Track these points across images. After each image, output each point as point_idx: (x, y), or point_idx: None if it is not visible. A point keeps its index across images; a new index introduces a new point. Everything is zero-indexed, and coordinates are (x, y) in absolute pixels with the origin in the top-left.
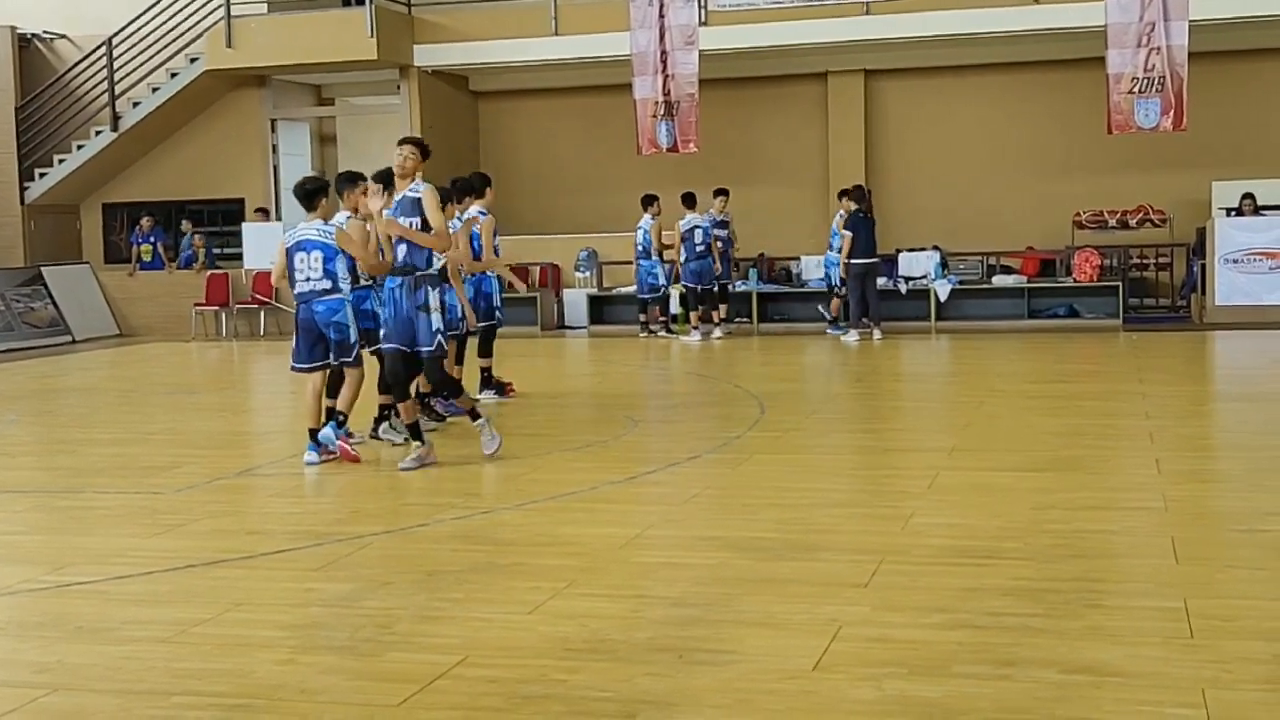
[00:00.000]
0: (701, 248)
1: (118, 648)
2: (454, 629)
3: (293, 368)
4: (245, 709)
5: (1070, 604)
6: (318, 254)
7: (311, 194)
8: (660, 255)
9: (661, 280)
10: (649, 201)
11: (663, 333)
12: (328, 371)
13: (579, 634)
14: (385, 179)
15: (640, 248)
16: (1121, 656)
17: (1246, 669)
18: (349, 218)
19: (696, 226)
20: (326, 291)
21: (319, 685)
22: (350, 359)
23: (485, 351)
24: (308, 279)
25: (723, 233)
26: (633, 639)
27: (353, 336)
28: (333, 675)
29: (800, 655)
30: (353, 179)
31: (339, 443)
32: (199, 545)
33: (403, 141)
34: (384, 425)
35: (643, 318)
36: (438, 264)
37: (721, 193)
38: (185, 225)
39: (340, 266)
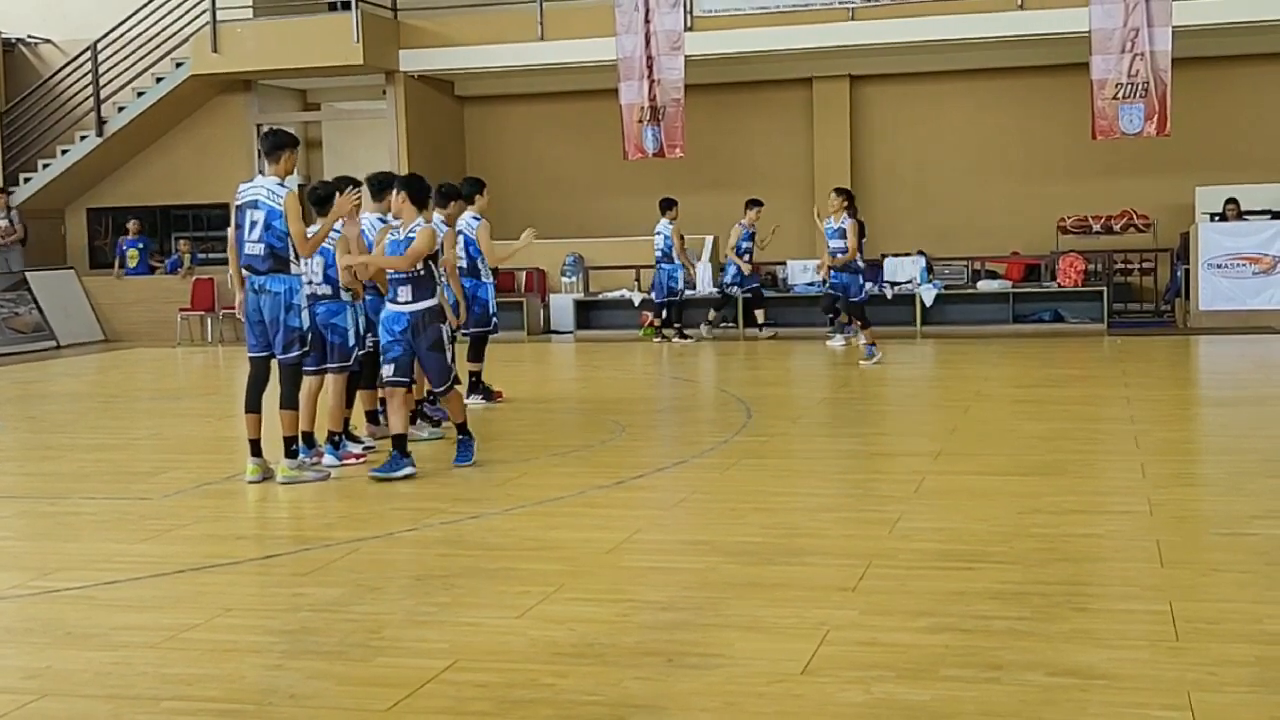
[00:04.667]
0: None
1: (107, 653)
2: (443, 634)
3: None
4: (235, 714)
5: (1056, 607)
6: (319, 259)
7: (323, 199)
8: (675, 259)
9: (680, 284)
10: (668, 206)
11: (676, 338)
12: (324, 377)
13: (567, 638)
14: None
15: (660, 252)
16: (1107, 659)
17: (1231, 671)
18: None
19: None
20: (326, 296)
21: (308, 690)
22: (346, 364)
23: (477, 356)
24: (309, 281)
25: (748, 243)
26: (621, 643)
27: (351, 341)
28: (322, 680)
29: (788, 659)
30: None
31: (343, 460)
32: (187, 551)
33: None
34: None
35: (677, 325)
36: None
37: (754, 204)
38: (132, 226)
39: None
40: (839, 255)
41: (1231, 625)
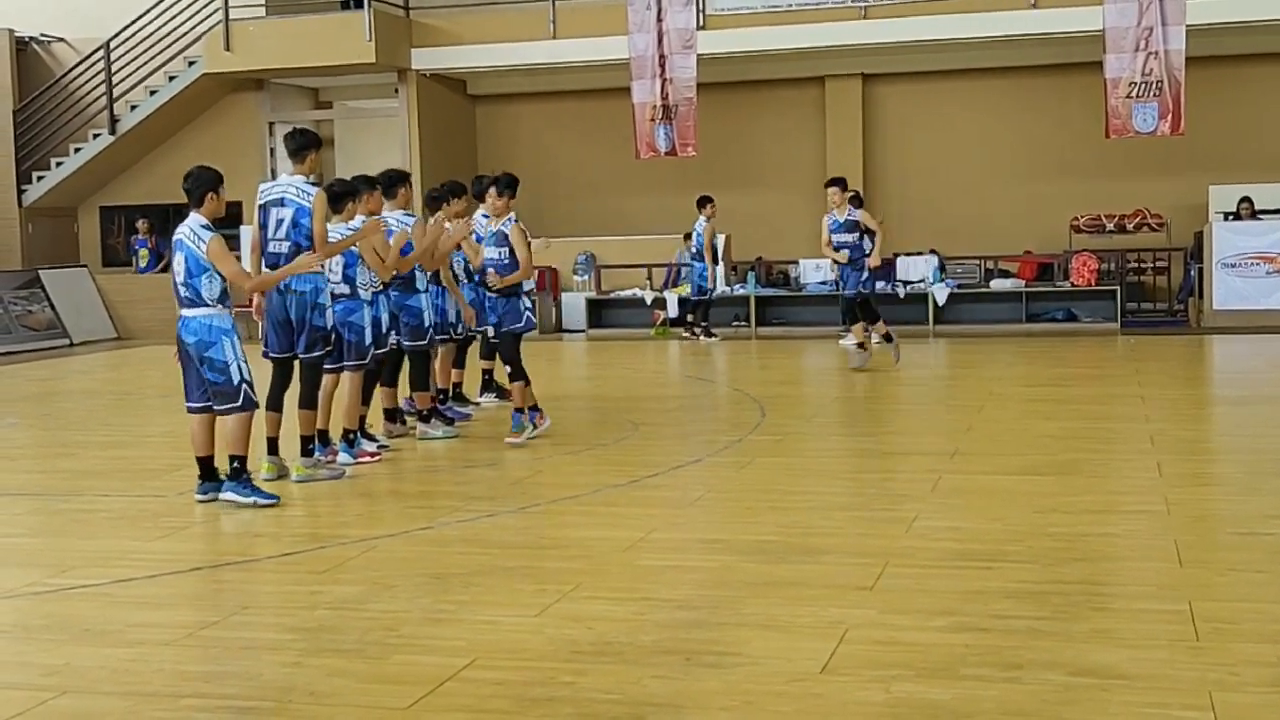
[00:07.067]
0: (693, 251)
1: (125, 650)
2: (461, 632)
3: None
4: (254, 712)
5: (1075, 607)
6: (338, 258)
7: (339, 196)
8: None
9: (709, 283)
10: (703, 203)
11: (704, 337)
12: (340, 375)
13: (585, 637)
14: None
15: (695, 249)
16: (1127, 659)
17: (1252, 671)
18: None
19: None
20: (344, 295)
21: (327, 688)
22: (362, 362)
23: (489, 355)
24: (326, 280)
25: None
26: (639, 642)
27: (367, 339)
28: (341, 678)
29: (807, 658)
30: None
31: (357, 459)
32: (203, 548)
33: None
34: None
35: (704, 324)
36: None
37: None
38: (140, 225)
39: (361, 272)
40: (498, 272)
41: (1251, 625)
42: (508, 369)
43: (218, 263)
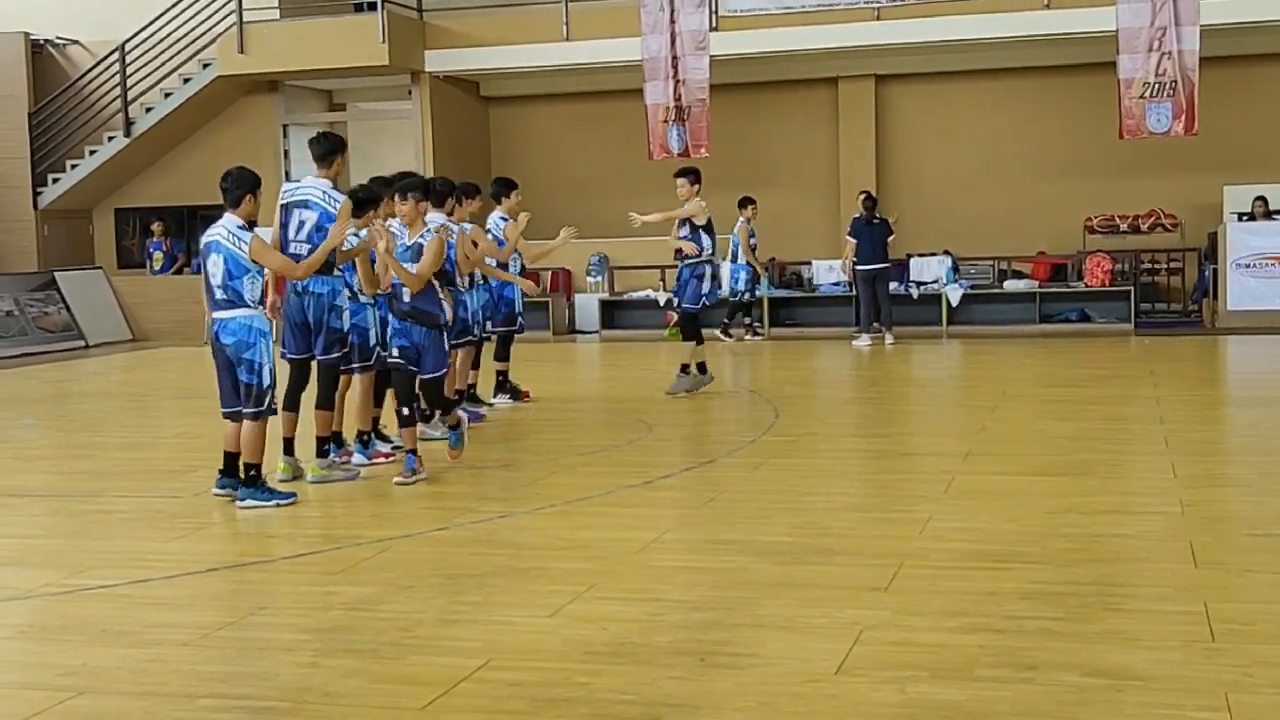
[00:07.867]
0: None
1: (142, 651)
2: (476, 632)
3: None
4: (270, 712)
5: (1090, 608)
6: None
7: (362, 204)
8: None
9: (741, 285)
10: (745, 203)
11: (723, 336)
12: (351, 377)
13: (600, 637)
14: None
15: (732, 250)
16: (1142, 660)
17: (1268, 673)
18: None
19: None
20: (350, 297)
21: (343, 689)
22: (368, 363)
23: (502, 356)
24: (344, 283)
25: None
26: (653, 642)
27: (372, 340)
28: (356, 679)
29: (822, 659)
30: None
31: (371, 459)
32: (219, 549)
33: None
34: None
35: (725, 322)
36: None
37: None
38: (155, 227)
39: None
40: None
41: (1267, 626)
42: (423, 409)
43: (263, 259)
